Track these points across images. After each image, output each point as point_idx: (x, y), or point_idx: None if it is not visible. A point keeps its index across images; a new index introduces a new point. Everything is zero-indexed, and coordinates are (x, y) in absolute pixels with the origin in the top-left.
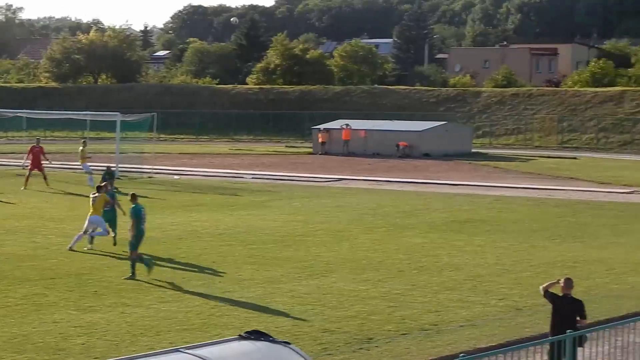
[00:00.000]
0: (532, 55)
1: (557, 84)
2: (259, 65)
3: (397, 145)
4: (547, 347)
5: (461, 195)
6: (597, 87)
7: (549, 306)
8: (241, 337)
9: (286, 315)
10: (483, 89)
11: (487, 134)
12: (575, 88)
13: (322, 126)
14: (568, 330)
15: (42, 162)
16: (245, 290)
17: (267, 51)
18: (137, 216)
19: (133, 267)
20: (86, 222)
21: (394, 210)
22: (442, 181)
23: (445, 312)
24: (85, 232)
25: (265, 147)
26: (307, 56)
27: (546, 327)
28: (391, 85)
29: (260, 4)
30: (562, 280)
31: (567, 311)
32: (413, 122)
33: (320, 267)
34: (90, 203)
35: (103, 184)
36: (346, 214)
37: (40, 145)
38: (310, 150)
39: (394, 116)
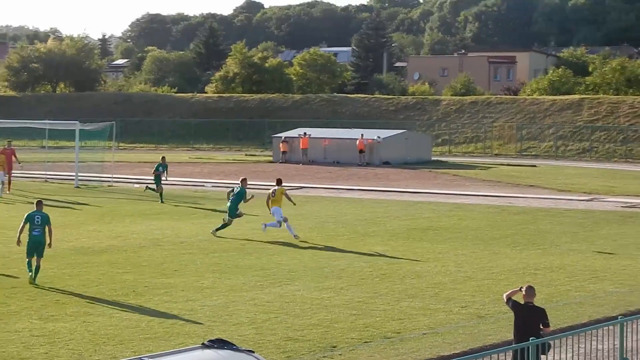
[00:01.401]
0: (491, 63)
1: (515, 92)
2: (218, 73)
3: (360, 151)
4: (510, 354)
5: (422, 203)
6: (555, 95)
7: (512, 314)
8: (204, 346)
9: (249, 323)
10: (442, 97)
11: (446, 142)
12: (534, 96)
13: (282, 134)
14: (531, 338)
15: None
16: (207, 299)
17: (226, 59)
18: (29, 221)
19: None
20: None
21: (355, 218)
22: (402, 189)
23: (408, 320)
24: None
25: (225, 156)
26: (266, 64)
27: (509, 335)
28: (350, 94)
29: (219, 12)
30: (523, 289)
31: (529, 319)
32: (373, 130)
33: (283, 275)
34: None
35: None
36: (307, 221)
37: (12, 147)
38: (271, 158)
39: (353, 124)
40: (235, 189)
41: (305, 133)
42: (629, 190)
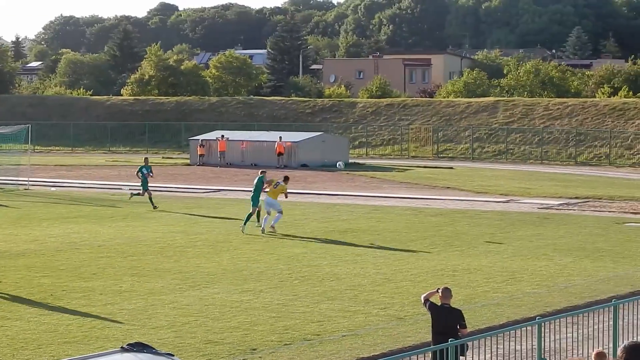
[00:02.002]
0: (406, 65)
1: (431, 95)
2: (133, 76)
3: (279, 154)
4: (429, 356)
5: (340, 205)
6: (470, 97)
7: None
8: (123, 350)
9: (168, 326)
10: (358, 99)
11: (363, 144)
12: (449, 98)
13: (200, 137)
14: (450, 339)
15: None
16: (126, 302)
17: (141, 62)
18: None
19: None
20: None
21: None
22: (320, 191)
23: (327, 322)
24: None
25: (143, 159)
26: (182, 67)
27: (428, 336)
28: (267, 96)
29: (133, 14)
30: (440, 290)
31: (446, 320)
32: (290, 133)
33: (202, 278)
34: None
35: None
36: (226, 224)
37: None
38: (188, 161)
39: (270, 127)
40: (255, 179)
41: (222, 136)
42: (545, 191)
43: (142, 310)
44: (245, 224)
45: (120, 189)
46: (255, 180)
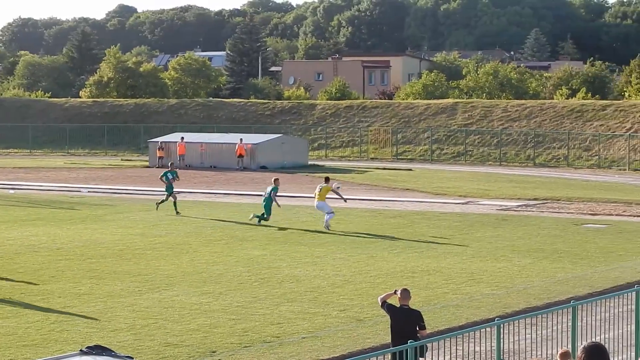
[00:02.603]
0: (365, 67)
1: (390, 97)
2: (92, 78)
3: (240, 156)
4: (388, 357)
5: (299, 207)
6: (429, 99)
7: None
8: (82, 352)
9: (128, 329)
10: (317, 101)
11: (322, 146)
12: (408, 100)
13: (159, 139)
14: (409, 341)
15: None
16: (85, 305)
17: (100, 64)
18: None
19: None
20: None
21: (233, 223)
22: (279, 193)
23: (287, 324)
24: None
25: (101, 161)
26: (141, 69)
27: (387, 338)
28: (226, 98)
29: (91, 16)
30: (398, 291)
31: (405, 322)
32: (249, 135)
33: (161, 280)
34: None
35: None
36: (185, 226)
37: None
38: (147, 163)
39: (229, 129)
40: (268, 188)
41: (182, 138)
42: (503, 193)
43: (101, 312)
44: (259, 221)
45: (79, 191)
46: (269, 189)
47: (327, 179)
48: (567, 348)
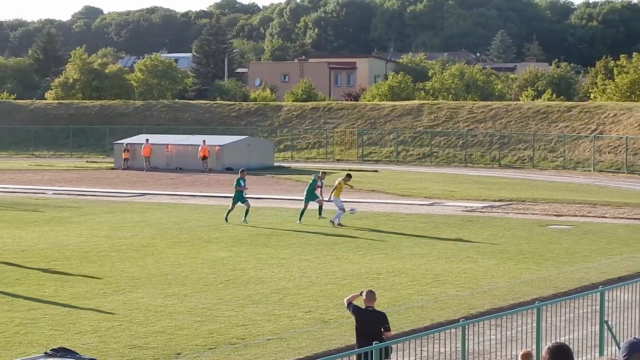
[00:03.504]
0: (331, 69)
1: (356, 98)
2: (57, 79)
3: (204, 158)
4: (354, 358)
5: (265, 208)
6: (395, 100)
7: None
8: (47, 355)
9: (92, 331)
10: (283, 103)
11: (288, 147)
12: (374, 102)
13: (124, 141)
14: (374, 342)
15: None
16: (50, 308)
17: (66, 66)
18: None
19: None
20: None
21: (198, 224)
22: (245, 195)
23: (252, 326)
24: None
25: (67, 163)
26: (106, 71)
27: (353, 339)
28: (192, 100)
29: (57, 18)
30: (364, 293)
31: (370, 323)
32: (215, 137)
33: (126, 282)
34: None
35: None
36: (150, 228)
37: None
38: (112, 165)
39: (195, 131)
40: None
41: (147, 140)
42: (469, 194)
43: (66, 315)
44: (300, 219)
45: (44, 193)
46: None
47: (348, 176)
48: (529, 349)
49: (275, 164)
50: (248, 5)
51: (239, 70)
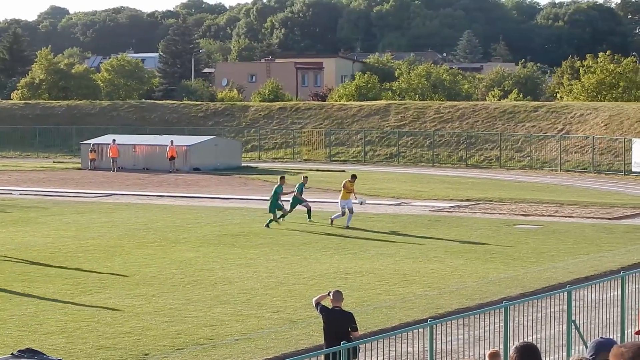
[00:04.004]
0: (298, 69)
1: (323, 98)
2: (23, 80)
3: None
4: (322, 358)
5: (233, 208)
6: (362, 101)
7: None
8: (14, 356)
9: (60, 332)
10: (251, 103)
11: (256, 147)
12: (341, 102)
13: (91, 141)
14: (342, 342)
15: None
16: (16, 308)
17: (32, 66)
18: None
19: None
20: None
21: (166, 225)
22: (213, 195)
23: (220, 326)
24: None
25: (33, 163)
26: (73, 71)
27: (321, 339)
28: (159, 100)
29: (23, 18)
30: (331, 293)
31: (337, 323)
32: (182, 137)
33: (93, 283)
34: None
35: None
36: (117, 229)
37: None
38: (79, 165)
39: (162, 131)
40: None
41: (114, 140)
42: (436, 194)
43: (33, 316)
44: (309, 217)
45: (11, 193)
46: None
47: (353, 177)
48: (496, 348)
49: (242, 164)
50: (214, 6)
51: (206, 70)
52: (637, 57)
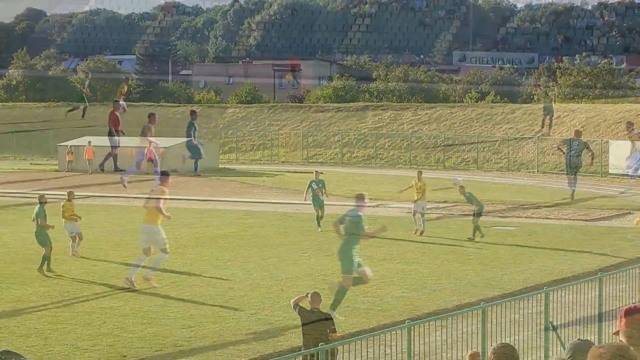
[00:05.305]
0: (275, 71)
1: (300, 100)
2: (0, 82)
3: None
4: None
5: (210, 210)
6: (340, 102)
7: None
8: None
9: (37, 334)
10: (228, 105)
11: (233, 149)
12: (319, 104)
13: (68, 143)
14: (320, 344)
15: None
16: None
17: (9, 68)
18: None
19: None
20: None
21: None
22: (190, 197)
23: (197, 328)
24: None
25: (10, 165)
26: (50, 73)
27: (299, 341)
28: (136, 102)
29: (0, 20)
30: (309, 295)
31: (316, 325)
32: (159, 138)
33: (71, 285)
34: None
35: None
36: (95, 230)
37: None
38: (57, 167)
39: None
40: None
41: (89, 142)
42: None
43: (10, 317)
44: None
45: None
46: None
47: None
48: (476, 349)
49: (220, 167)
50: (192, 7)
51: (183, 72)
52: (612, 59)
